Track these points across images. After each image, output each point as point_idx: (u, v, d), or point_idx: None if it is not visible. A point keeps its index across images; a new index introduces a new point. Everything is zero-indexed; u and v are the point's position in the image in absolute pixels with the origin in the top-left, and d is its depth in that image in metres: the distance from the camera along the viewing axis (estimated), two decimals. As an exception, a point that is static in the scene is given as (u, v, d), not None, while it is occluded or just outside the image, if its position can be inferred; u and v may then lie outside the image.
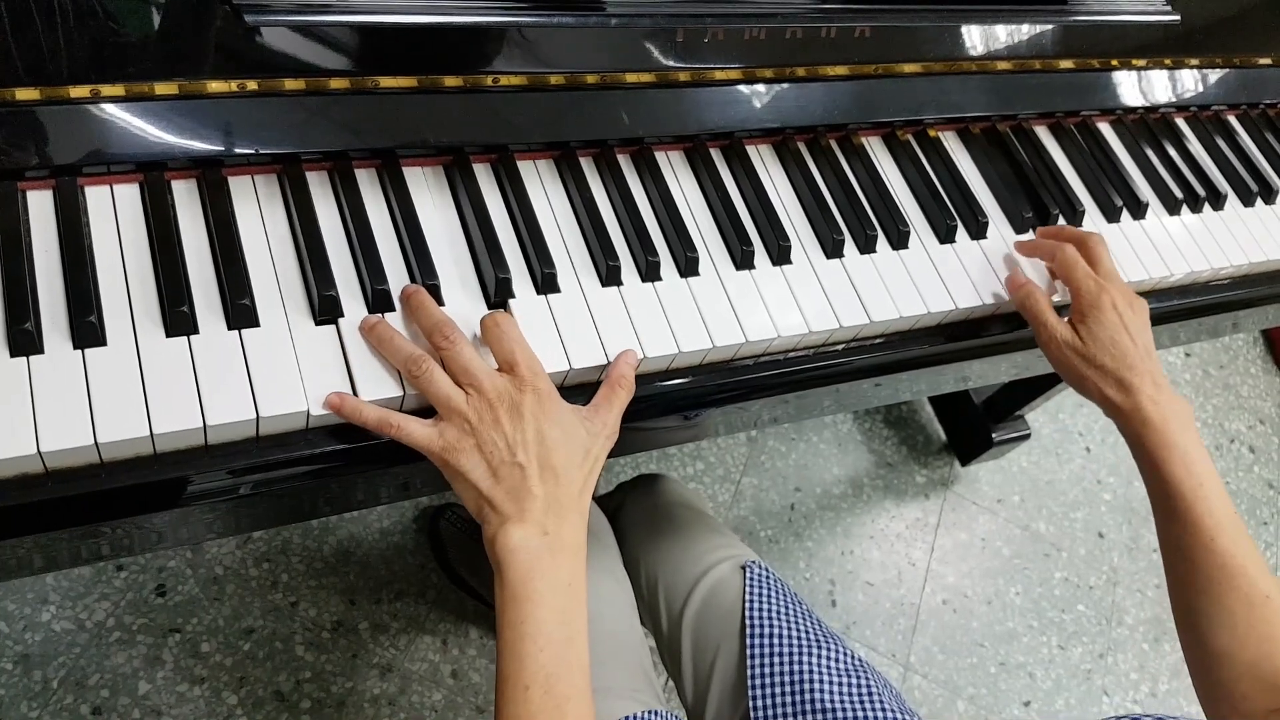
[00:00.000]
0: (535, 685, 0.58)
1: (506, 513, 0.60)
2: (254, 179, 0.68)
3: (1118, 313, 0.77)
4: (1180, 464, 0.73)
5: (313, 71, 0.67)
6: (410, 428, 0.60)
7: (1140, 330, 0.78)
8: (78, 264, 0.60)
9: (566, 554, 0.61)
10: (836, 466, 1.77)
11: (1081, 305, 0.78)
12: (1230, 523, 0.72)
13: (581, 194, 0.75)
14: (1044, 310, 0.80)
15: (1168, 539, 0.74)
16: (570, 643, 0.60)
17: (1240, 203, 1.00)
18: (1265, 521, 1.96)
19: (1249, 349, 2.23)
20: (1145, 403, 0.75)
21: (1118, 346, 0.76)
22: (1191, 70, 1.03)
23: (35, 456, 0.54)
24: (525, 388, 0.62)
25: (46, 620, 1.28)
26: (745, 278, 0.76)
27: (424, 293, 0.65)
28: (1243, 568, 0.70)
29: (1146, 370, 0.76)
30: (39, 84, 0.60)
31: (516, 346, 0.63)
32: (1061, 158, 0.96)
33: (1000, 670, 1.63)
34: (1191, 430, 0.75)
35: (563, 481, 0.62)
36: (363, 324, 0.63)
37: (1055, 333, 0.79)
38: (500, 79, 0.73)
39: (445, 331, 0.62)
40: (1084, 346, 0.78)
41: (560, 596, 0.60)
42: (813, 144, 0.85)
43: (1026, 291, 0.81)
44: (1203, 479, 0.73)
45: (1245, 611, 0.68)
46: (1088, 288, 0.78)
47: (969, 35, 0.89)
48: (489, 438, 0.60)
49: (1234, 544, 0.71)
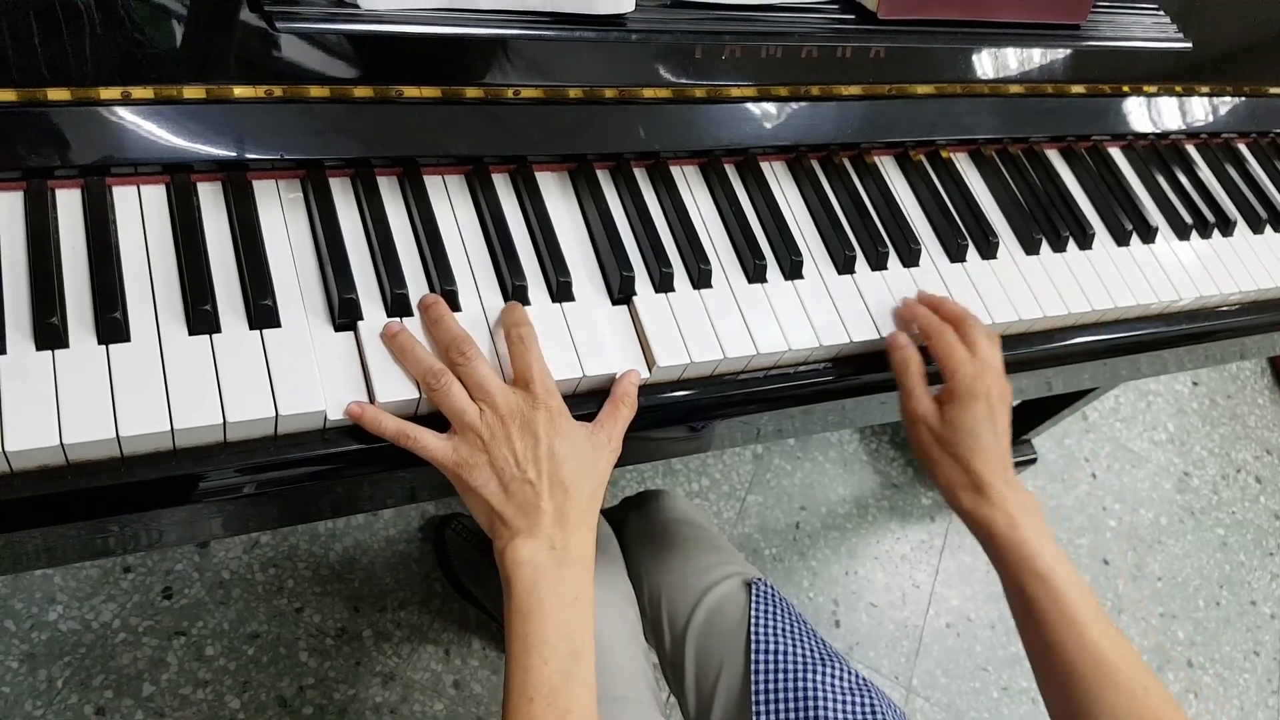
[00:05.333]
0: (539, 698, 0.58)
1: (516, 527, 0.61)
2: (278, 183, 0.69)
3: (989, 403, 0.73)
4: (1039, 559, 0.71)
5: (338, 79, 0.68)
6: (426, 441, 0.62)
7: (1003, 424, 0.75)
8: (104, 262, 0.61)
9: (574, 567, 0.62)
10: (842, 486, 1.77)
11: (956, 387, 0.74)
12: (1098, 616, 0.69)
13: (598, 205, 0.76)
14: (916, 382, 0.76)
15: (1037, 640, 0.71)
16: (575, 657, 0.60)
17: (1250, 229, 1.01)
18: (1271, 553, 1.96)
19: (1256, 379, 2.23)
20: (995, 500, 0.73)
21: (978, 439, 0.73)
22: (1203, 98, 1.04)
23: (58, 448, 0.55)
24: (538, 405, 0.63)
25: (53, 620, 1.28)
26: (757, 291, 0.77)
27: (443, 304, 0.66)
28: (1118, 660, 0.68)
29: (999, 466, 0.74)
30: (69, 85, 0.61)
31: (534, 363, 0.64)
32: (1072, 181, 0.96)
33: (1003, 695, 1.62)
34: (1043, 525, 0.73)
35: (571, 496, 0.63)
36: (385, 331, 0.64)
37: (919, 407, 0.76)
38: (520, 91, 0.74)
39: (462, 348, 0.63)
40: (943, 428, 0.74)
41: (566, 610, 0.61)
42: (826, 162, 0.87)
43: (903, 357, 0.77)
44: (1063, 574, 0.70)
45: (1128, 705, 0.66)
46: (964, 371, 0.74)
47: (982, 58, 0.90)
48: (501, 453, 0.61)
49: (1105, 637, 0.68)
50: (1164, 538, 1.90)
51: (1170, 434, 2.05)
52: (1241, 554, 1.93)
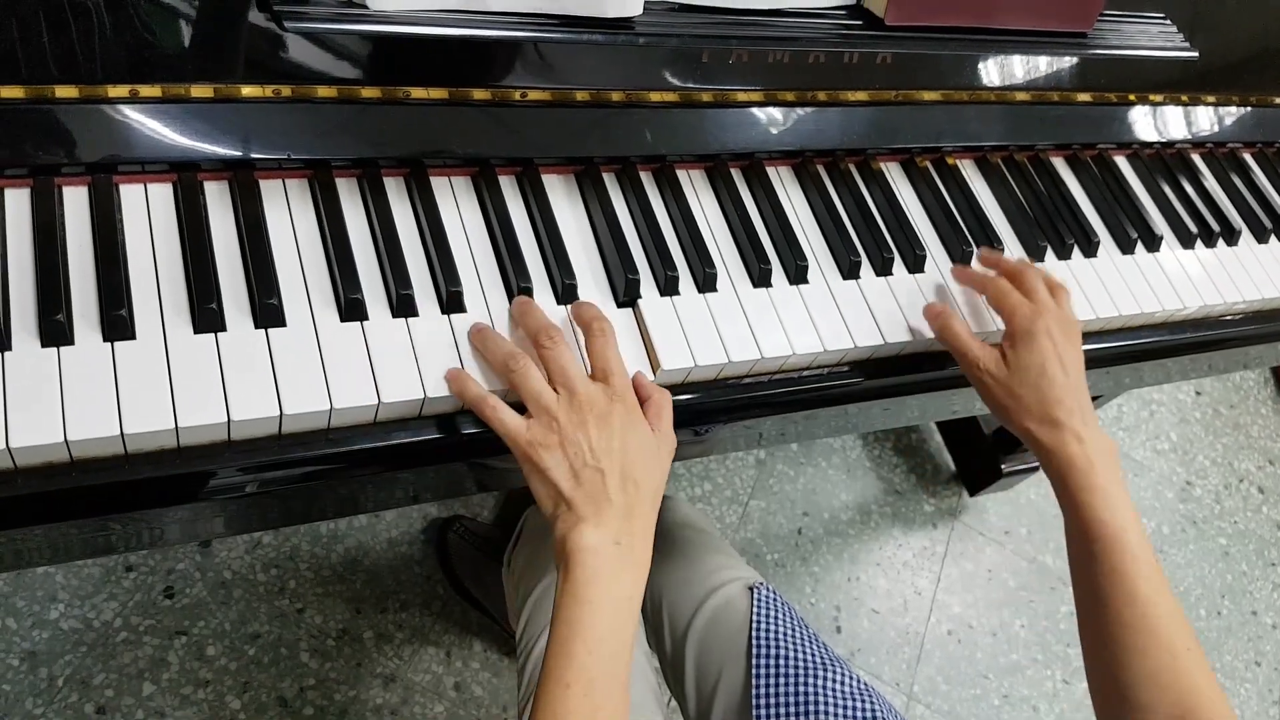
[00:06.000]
0: (576, 685, 0.59)
1: (583, 513, 0.62)
2: (285, 183, 0.69)
3: (1051, 340, 0.72)
4: (1105, 507, 0.69)
5: (345, 80, 0.68)
6: (503, 414, 0.63)
7: (1073, 362, 0.73)
8: (110, 259, 0.61)
9: (632, 569, 0.62)
10: (845, 493, 1.77)
11: (1014, 330, 0.73)
12: (1153, 571, 0.68)
13: (604, 208, 0.76)
14: (963, 337, 0.75)
15: (1087, 585, 0.70)
16: (616, 657, 0.60)
17: (1255, 239, 1.01)
18: (1273, 563, 1.95)
19: (1260, 389, 2.23)
20: (1071, 440, 0.71)
21: (1046, 376, 0.71)
22: (1208, 107, 1.04)
23: (62, 445, 0.55)
24: (616, 398, 0.64)
25: (54, 618, 1.28)
26: (762, 295, 0.77)
27: (531, 300, 0.69)
28: (1165, 618, 0.66)
29: (1075, 405, 0.72)
30: (77, 82, 0.61)
31: (613, 356, 0.66)
32: (1077, 189, 0.96)
33: (1004, 703, 1.62)
34: (1117, 471, 0.71)
35: (642, 492, 0.63)
36: (471, 328, 0.67)
37: (979, 359, 0.74)
38: (527, 93, 0.74)
39: (550, 334, 0.65)
40: (1009, 375, 0.73)
41: (619, 609, 0.61)
42: (832, 167, 0.87)
43: (944, 320, 0.76)
44: (1127, 524, 0.69)
45: (1170, 663, 0.65)
46: (1022, 313, 0.73)
47: (989, 66, 0.90)
48: (575, 439, 0.62)
49: (1157, 593, 0.67)
50: (1166, 547, 1.90)
51: (1173, 443, 2.05)
52: (1243, 564, 1.93)
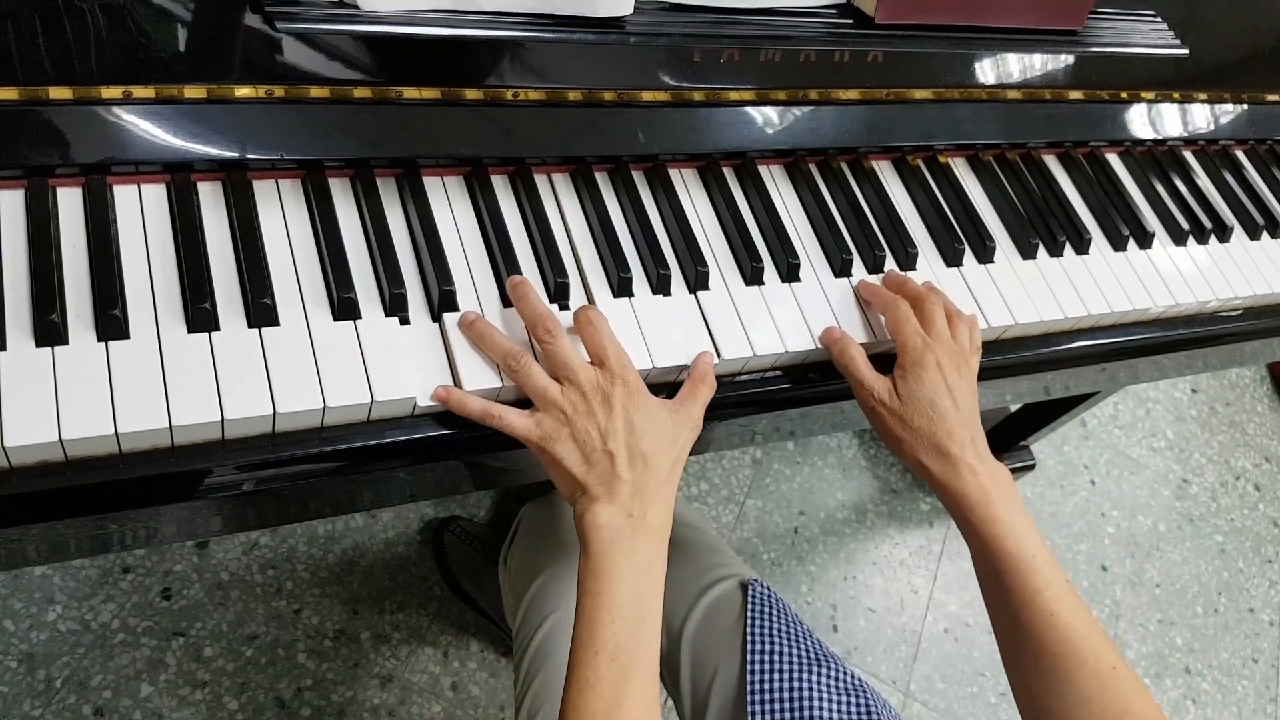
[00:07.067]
0: (604, 651, 0.61)
1: (596, 494, 0.64)
2: (278, 183, 0.69)
3: (941, 373, 0.72)
4: (1008, 537, 0.69)
5: (338, 80, 0.68)
6: (510, 419, 0.64)
7: (965, 396, 0.73)
8: (104, 259, 0.61)
9: (648, 536, 0.64)
10: (841, 491, 1.77)
11: (904, 361, 0.73)
12: (1067, 592, 0.68)
13: (596, 208, 0.76)
14: (859, 364, 0.75)
15: (1004, 617, 0.70)
16: (642, 621, 0.63)
17: (1246, 236, 1.01)
18: (1269, 560, 1.95)
19: (1255, 387, 2.23)
20: (965, 472, 0.71)
21: (937, 409, 0.71)
22: (1201, 105, 1.05)
23: (57, 444, 0.55)
24: (615, 380, 0.66)
25: (52, 620, 1.29)
26: (755, 293, 0.77)
27: (529, 284, 0.69)
28: (1087, 640, 0.66)
29: (967, 437, 0.71)
30: (71, 84, 0.62)
31: (608, 342, 0.67)
32: (1069, 187, 0.97)
33: (1001, 700, 1.62)
34: (1015, 499, 0.71)
35: (651, 467, 0.65)
36: (462, 320, 0.67)
37: (873, 389, 0.74)
38: (520, 94, 0.74)
39: (549, 325, 0.66)
40: (901, 406, 0.72)
41: (639, 575, 0.63)
42: (824, 166, 0.87)
43: (841, 347, 0.75)
44: (1034, 550, 0.69)
45: (1097, 687, 0.65)
46: (914, 344, 0.73)
47: (980, 63, 0.91)
48: (582, 427, 0.64)
49: (1075, 617, 0.67)
50: (1162, 544, 1.90)
51: (1169, 441, 2.05)
52: (1240, 561, 1.93)
